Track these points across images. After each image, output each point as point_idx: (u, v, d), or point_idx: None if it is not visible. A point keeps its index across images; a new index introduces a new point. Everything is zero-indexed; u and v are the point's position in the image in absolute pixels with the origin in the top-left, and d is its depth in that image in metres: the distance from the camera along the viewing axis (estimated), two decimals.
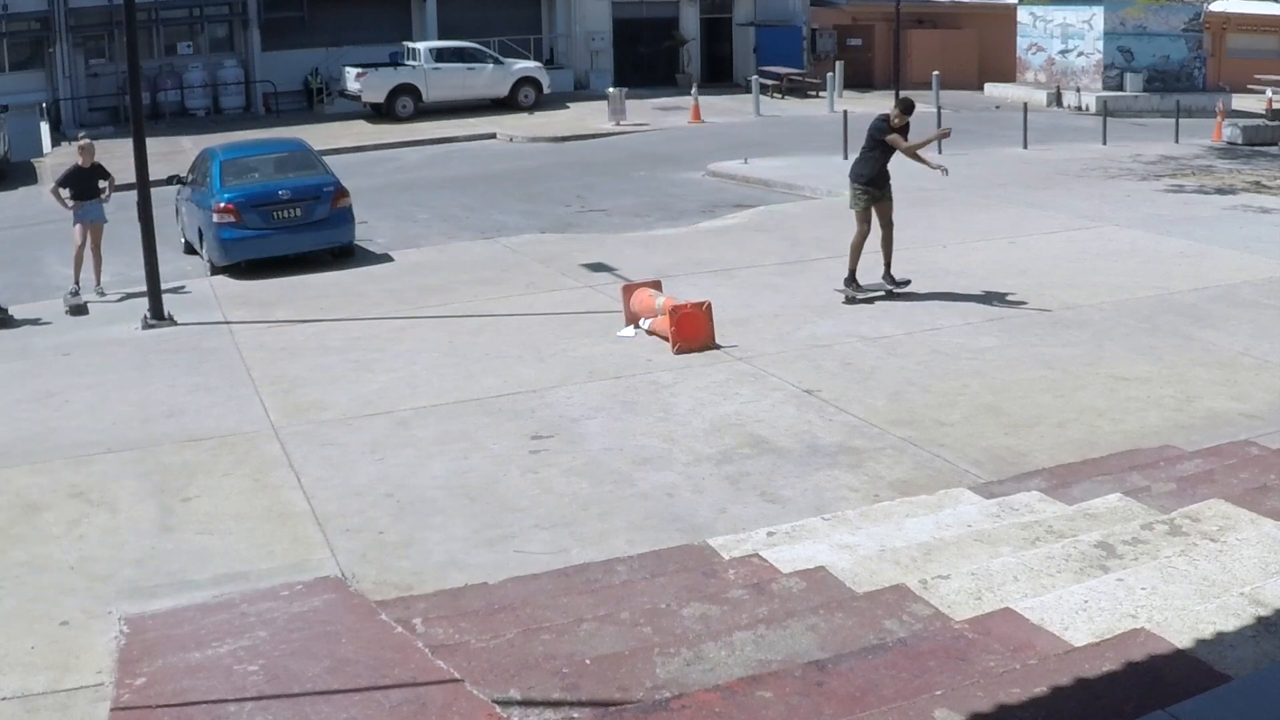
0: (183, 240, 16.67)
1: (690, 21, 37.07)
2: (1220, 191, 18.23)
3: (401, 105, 30.43)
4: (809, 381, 9.13)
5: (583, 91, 34.80)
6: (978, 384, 8.97)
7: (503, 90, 31.60)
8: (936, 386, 8.92)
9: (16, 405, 9.66)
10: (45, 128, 27.76)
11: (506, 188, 20.88)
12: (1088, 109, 31.37)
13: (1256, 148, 24.20)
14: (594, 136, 27.16)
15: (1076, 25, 33.18)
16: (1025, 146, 23.24)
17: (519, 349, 10.43)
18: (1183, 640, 3.98)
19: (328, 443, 8.26)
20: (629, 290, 11.00)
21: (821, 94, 32.58)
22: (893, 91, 31.86)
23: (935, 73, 30.99)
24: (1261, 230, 14.80)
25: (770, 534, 6.21)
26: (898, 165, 11.76)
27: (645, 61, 36.22)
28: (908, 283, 11.52)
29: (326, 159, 17.28)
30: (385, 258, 15.51)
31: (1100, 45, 32.63)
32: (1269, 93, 31.76)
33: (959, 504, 6.47)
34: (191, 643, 5.11)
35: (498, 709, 4.15)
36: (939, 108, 25.13)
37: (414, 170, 23.68)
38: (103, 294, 13.93)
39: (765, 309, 11.41)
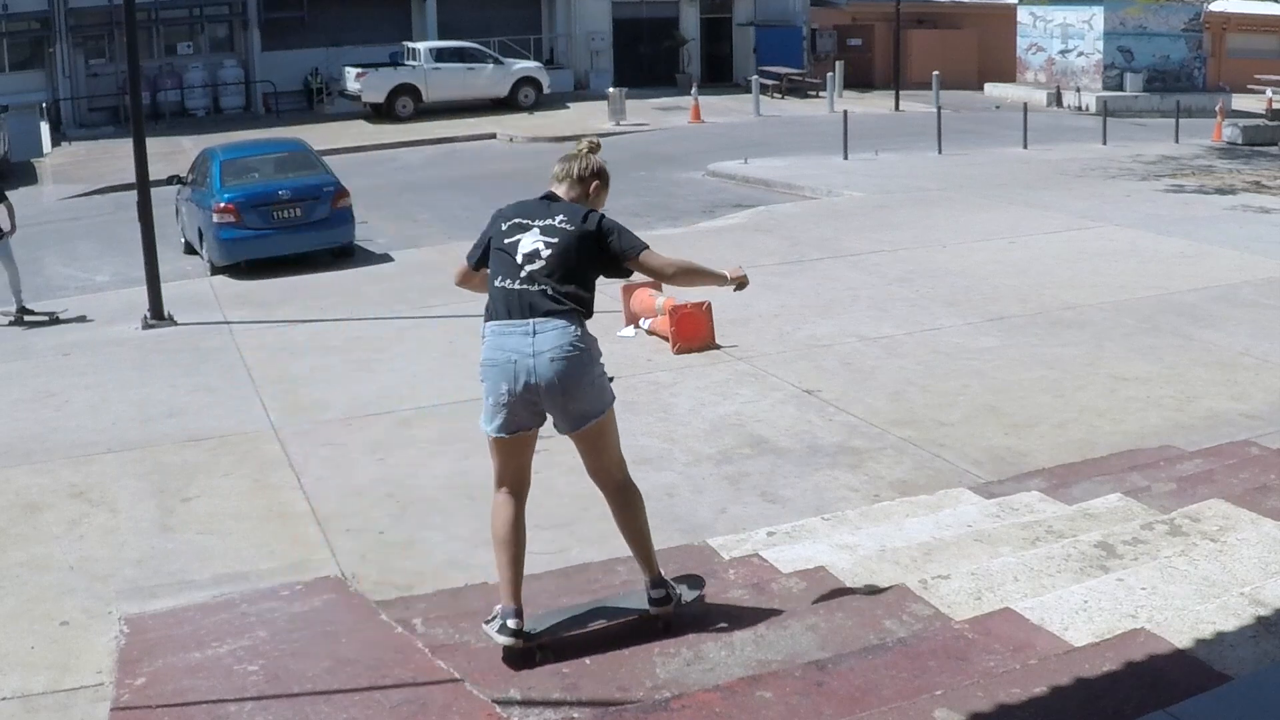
0: (183, 240, 16.69)
1: (690, 21, 37.08)
2: (1220, 191, 18.23)
3: (401, 105, 30.44)
4: (809, 381, 9.12)
5: (583, 91, 34.81)
6: (978, 384, 8.96)
7: (503, 90, 31.61)
8: (936, 386, 8.92)
9: (16, 405, 9.66)
10: (45, 128, 27.76)
11: (507, 188, 20.86)
12: (1088, 109, 31.38)
13: (1256, 148, 24.21)
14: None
15: (1076, 25, 33.19)
16: (1025, 146, 23.25)
17: None
18: (1183, 640, 3.98)
19: (328, 443, 8.26)
20: (629, 290, 10.99)
21: (821, 94, 32.60)
22: (893, 91, 32.03)
23: (935, 73, 31.00)
24: (1261, 230, 14.80)
25: (770, 534, 6.20)
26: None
27: (645, 61, 36.22)
28: None
29: (326, 159, 17.29)
30: (385, 258, 15.51)
31: (1100, 45, 32.64)
32: (1269, 93, 31.76)
33: (959, 504, 6.46)
34: (191, 643, 5.11)
35: (498, 709, 4.15)
36: (939, 108, 25.13)
37: (414, 170, 23.68)
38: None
39: (765, 309, 11.40)
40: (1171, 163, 21.62)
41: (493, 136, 28.02)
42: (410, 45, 31.76)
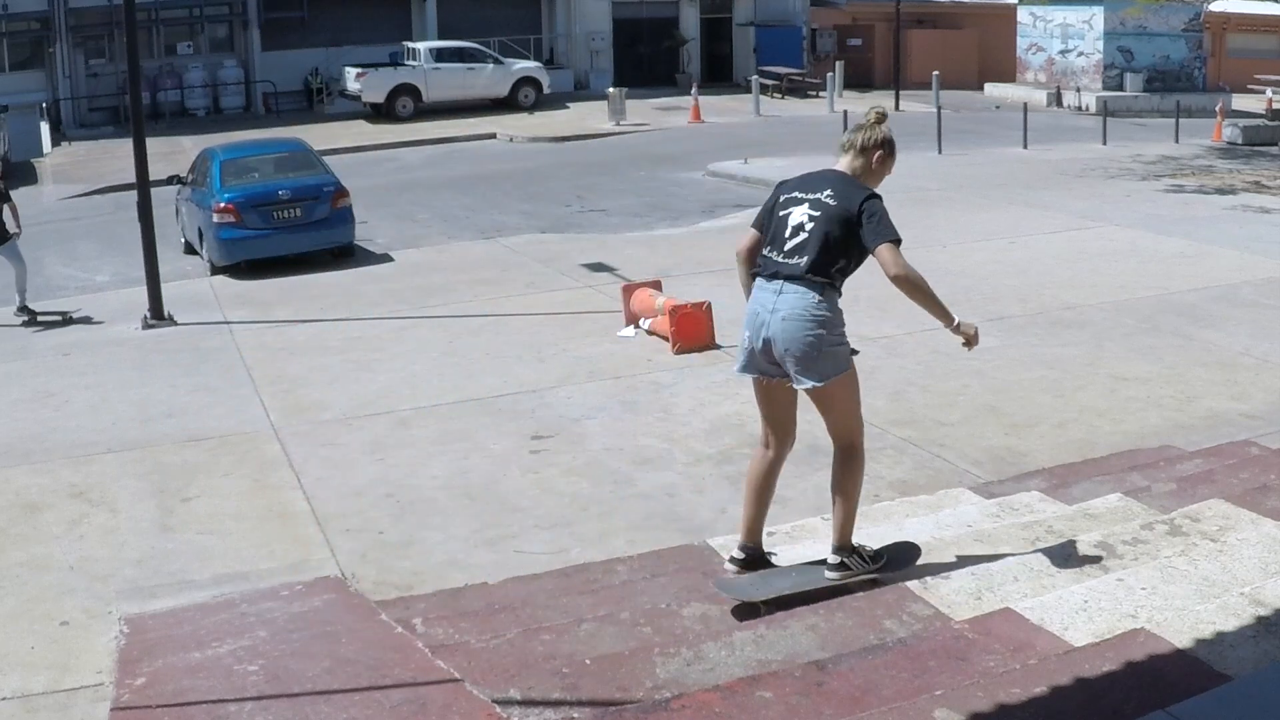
0: (183, 240, 16.69)
1: (690, 21, 37.08)
2: (1220, 191, 18.23)
3: (401, 105, 30.44)
4: None
5: (583, 91, 34.80)
6: (978, 384, 8.96)
7: (503, 90, 31.61)
8: (936, 386, 8.92)
9: (16, 405, 9.66)
10: (45, 128, 27.76)
11: (506, 188, 20.88)
12: (1088, 109, 31.37)
13: (1256, 148, 24.21)
14: (594, 136, 27.16)
15: (1076, 25, 33.19)
16: (1025, 146, 23.24)
17: (519, 349, 10.43)
18: (1183, 640, 3.98)
19: (328, 443, 8.26)
20: (629, 290, 11.00)
21: (821, 94, 32.59)
22: (893, 91, 32.02)
23: (935, 73, 31.00)
24: (1261, 230, 14.79)
25: (770, 534, 6.19)
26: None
27: (645, 61, 36.23)
28: None
29: (326, 159, 17.30)
30: (385, 258, 15.51)
31: (1100, 45, 32.63)
32: (1269, 93, 31.76)
33: (959, 504, 6.46)
34: (191, 643, 5.11)
35: (498, 709, 4.15)
36: (939, 108, 25.13)
37: (414, 170, 23.68)
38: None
39: None
40: (1171, 163, 21.62)
41: (493, 136, 28.01)
42: (410, 45, 31.76)
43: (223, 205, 14.74)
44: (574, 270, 13.64)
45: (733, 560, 5.16)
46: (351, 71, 30.52)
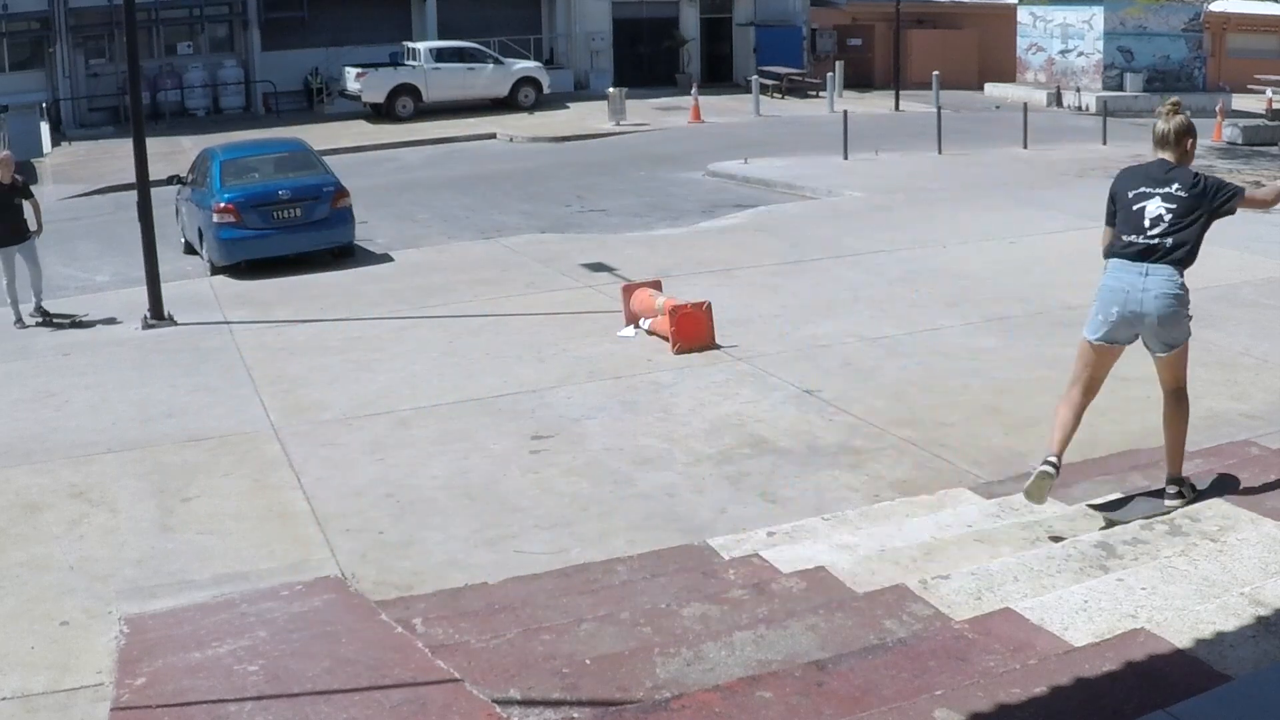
0: (183, 240, 16.69)
1: (690, 21, 37.08)
2: None
3: (401, 105, 30.44)
4: (809, 381, 9.12)
5: (583, 91, 34.81)
6: (978, 384, 8.96)
7: (503, 90, 31.62)
8: (937, 386, 8.92)
9: (16, 405, 9.66)
10: (45, 128, 27.75)
11: (506, 188, 20.88)
12: (1088, 109, 31.36)
13: (1256, 148, 24.20)
14: (594, 136, 27.16)
15: (1076, 25, 33.19)
16: (1025, 146, 23.23)
17: (519, 349, 10.43)
18: (1183, 640, 3.98)
19: (328, 443, 8.26)
20: (629, 290, 11.00)
21: (821, 94, 32.58)
22: (893, 91, 32.03)
23: (935, 73, 30.99)
24: (1261, 230, 14.77)
25: (770, 534, 6.20)
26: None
27: (645, 61, 36.23)
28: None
29: (326, 159, 17.29)
30: (385, 258, 15.51)
31: (1100, 45, 32.63)
32: (1269, 93, 31.76)
33: (959, 504, 6.46)
34: (191, 643, 5.11)
35: (498, 709, 4.15)
36: (939, 108, 25.13)
37: (414, 170, 23.68)
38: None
39: (765, 309, 11.41)
40: None
41: (493, 136, 28.02)
42: (410, 45, 31.76)
43: (223, 205, 14.74)
44: (574, 270, 13.64)
45: (1048, 463, 5.72)
46: (351, 71, 30.52)
